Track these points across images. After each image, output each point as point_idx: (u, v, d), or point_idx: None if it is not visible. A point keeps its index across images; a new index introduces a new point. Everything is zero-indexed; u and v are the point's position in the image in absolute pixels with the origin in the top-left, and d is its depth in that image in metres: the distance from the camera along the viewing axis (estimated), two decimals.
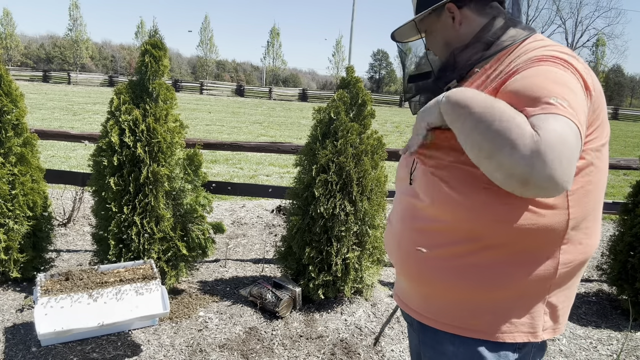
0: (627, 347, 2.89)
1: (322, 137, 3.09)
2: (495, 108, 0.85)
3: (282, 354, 2.62)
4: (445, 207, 1.03)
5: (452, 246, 1.03)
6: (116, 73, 54.13)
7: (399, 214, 1.18)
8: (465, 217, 1.00)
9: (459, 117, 0.90)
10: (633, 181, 3.43)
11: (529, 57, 0.96)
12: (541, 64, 0.92)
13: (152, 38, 3.01)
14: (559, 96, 0.83)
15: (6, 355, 2.44)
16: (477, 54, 1.09)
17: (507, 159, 0.79)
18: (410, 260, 1.12)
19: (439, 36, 1.18)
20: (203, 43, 56.69)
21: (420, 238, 1.09)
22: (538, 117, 0.81)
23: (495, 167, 0.82)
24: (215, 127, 14.42)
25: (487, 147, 0.82)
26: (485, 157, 0.84)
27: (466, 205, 0.99)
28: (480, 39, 1.10)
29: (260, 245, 4.33)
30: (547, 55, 0.94)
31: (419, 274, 1.11)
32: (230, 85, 40.59)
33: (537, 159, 0.76)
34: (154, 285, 2.64)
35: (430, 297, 1.11)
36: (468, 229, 1.00)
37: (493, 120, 0.83)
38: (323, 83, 70.29)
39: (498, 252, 0.99)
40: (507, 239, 0.97)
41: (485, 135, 0.83)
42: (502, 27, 1.09)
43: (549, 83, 0.87)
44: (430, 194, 1.06)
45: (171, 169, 3.01)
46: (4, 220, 2.96)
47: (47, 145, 8.31)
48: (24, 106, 3.12)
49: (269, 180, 7.47)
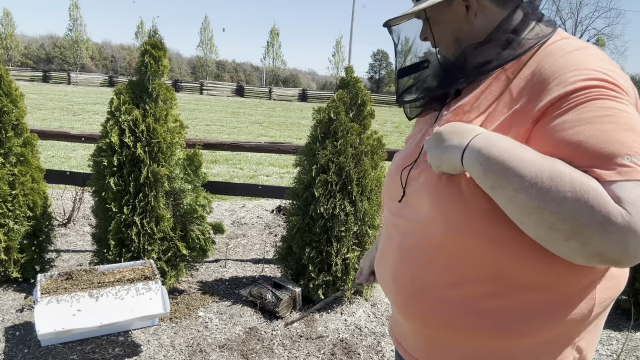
0: (627, 347, 2.90)
1: (322, 138, 3.09)
2: (557, 172, 0.69)
3: (282, 354, 2.62)
4: (465, 238, 0.83)
5: (471, 285, 0.85)
6: (116, 73, 54.16)
7: (397, 243, 0.98)
8: (489, 251, 0.81)
9: (501, 185, 0.73)
10: None
11: (568, 78, 0.77)
12: (595, 100, 0.74)
13: (152, 38, 3.01)
14: (632, 151, 0.69)
15: (6, 355, 2.44)
16: (494, 55, 0.89)
17: (593, 243, 0.66)
18: (414, 302, 0.93)
19: (448, 29, 0.95)
20: (203, 43, 56.69)
21: (428, 275, 0.90)
22: (618, 186, 0.67)
23: (570, 249, 0.69)
24: (215, 127, 14.42)
25: (562, 228, 0.67)
26: (559, 238, 0.69)
27: (491, 236, 0.80)
28: (498, 35, 0.90)
29: (260, 245, 4.33)
30: (593, 79, 0.76)
31: (425, 317, 0.92)
32: (230, 86, 40.58)
33: (633, 241, 0.64)
34: (154, 285, 2.64)
35: (439, 342, 0.92)
36: (492, 265, 0.82)
37: (562, 192, 0.67)
38: (323, 83, 70.33)
39: (527, 294, 0.82)
40: (540, 278, 0.81)
41: (557, 215, 0.67)
42: (522, 20, 0.90)
43: (615, 132, 0.71)
44: (443, 219, 0.85)
45: (171, 169, 3.01)
46: (4, 221, 2.96)
47: (47, 146, 8.32)
48: (24, 106, 3.12)
49: (269, 181, 7.47)
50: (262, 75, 59.67)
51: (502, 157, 0.73)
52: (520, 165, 0.71)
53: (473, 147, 0.77)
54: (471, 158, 0.77)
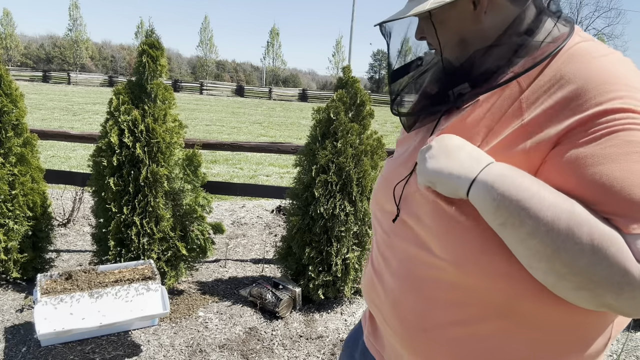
0: (627, 347, 2.89)
1: (322, 138, 3.09)
2: (576, 221, 0.62)
3: (282, 354, 2.62)
4: (476, 272, 0.74)
5: (482, 323, 0.77)
6: (116, 73, 54.19)
7: (395, 268, 0.87)
8: (502, 286, 0.73)
9: (513, 225, 0.65)
10: None
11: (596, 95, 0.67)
12: (625, 131, 0.64)
13: (149, 38, 3.01)
14: None
15: (6, 355, 2.44)
16: (506, 61, 0.77)
17: (605, 298, 0.62)
18: (420, 339, 0.84)
19: (452, 29, 0.82)
20: (203, 43, 56.72)
21: (435, 311, 0.80)
22: None
23: (580, 299, 0.65)
24: (215, 127, 14.42)
25: (574, 280, 0.63)
26: (569, 288, 0.64)
27: (503, 271, 0.72)
28: (510, 35, 0.77)
29: (260, 245, 4.33)
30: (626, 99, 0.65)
31: (427, 355, 0.84)
32: (230, 86, 40.59)
33: (636, 303, 0.60)
34: (153, 285, 2.64)
35: None
36: (505, 301, 0.74)
37: (578, 244, 0.61)
38: (323, 83, 70.34)
39: (543, 331, 0.74)
40: (555, 315, 0.73)
41: (569, 267, 0.62)
42: (537, 18, 0.77)
43: None
44: (452, 251, 0.76)
45: (170, 169, 3.01)
46: (4, 221, 2.96)
47: (47, 146, 8.32)
48: (23, 106, 3.12)
49: (269, 181, 7.47)
50: (262, 75, 59.67)
51: (519, 195, 0.65)
52: (538, 207, 0.63)
53: (485, 180, 0.68)
54: (483, 191, 0.68)
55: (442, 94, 0.84)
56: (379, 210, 0.95)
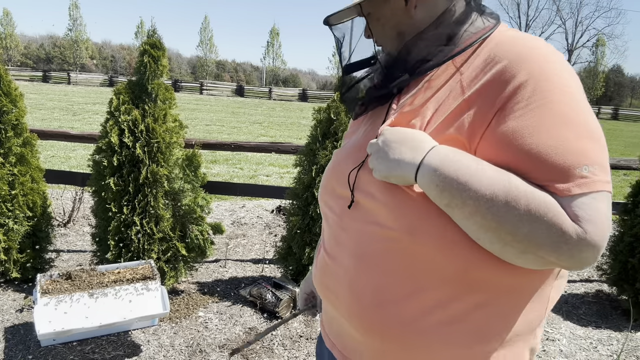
0: (627, 347, 2.89)
1: (322, 138, 3.09)
2: (513, 194, 0.68)
3: (282, 354, 2.62)
4: (429, 242, 0.78)
5: (436, 291, 0.80)
6: (116, 73, 54.18)
7: (351, 249, 0.88)
8: (454, 254, 0.77)
9: (457, 205, 0.72)
10: (633, 181, 3.42)
11: (525, 67, 0.74)
12: (554, 101, 0.71)
13: (151, 38, 3.01)
14: (589, 160, 0.68)
15: (6, 355, 2.44)
16: (436, 49, 0.84)
17: (547, 257, 0.69)
18: (370, 313, 0.85)
19: (389, 24, 0.90)
20: (203, 43, 56.71)
21: (392, 284, 0.82)
22: (576, 202, 0.67)
23: (525, 261, 0.72)
24: (215, 127, 14.42)
25: (518, 246, 0.69)
26: (514, 253, 0.71)
27: (455, 239, 0.76)
28: (439, 25, 0.85)
29: (260, 246, 4.32)
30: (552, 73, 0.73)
31: (383, 331, 0.84)
32: (230, 85, 40.59)
33: (586, 254, 0.67)
34: (153, 285, 2.64)
35: (401, 357, 0.86)
36: (457, 268, 0.78)
37: (517, 215, 0.67)
38: (323, 83, 70.30)
39: (491, 297, 0.80)
40: (502, 280, 0.78)
41: (512, 236, 0.69)
42: (465, 12, 0.86)
43: (572, 141, 0.69)
44: (406, 223, 0.79)
45: (170, 169, 3.01)
46: (4, 221, 2.96)
47: (47, 146, 8.31)
48: (23, 106, 3.12)
49: (269, 181, 7.47)
50: (262, 75, 59.67)
51: (459, 178, 0.71)
52: (477, 187, 0.70)
53: (429, 166, 0.74)
54: (427, 178, 0.74)
55: (386, 83, 0.90)
56: (330, 197, 0.97)
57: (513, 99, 0.73)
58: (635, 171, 4.60)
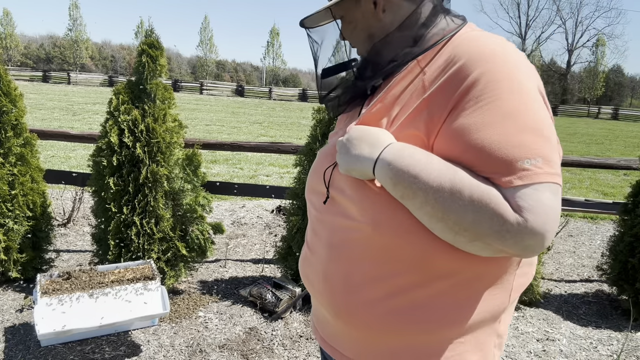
0: (628, 347, 2.89)
1: (322, 137, 3.09)
2: (457, 186, 0.73)
3: (282, 354, 2.62)
4: (390, 232, 0.84)
5: (399, 278, 0.85)
6: (116, 73, 54.21)
7: (326, 240, 0.95)
8: (414, 242, 0.82)
9: (408, 196, 0.78)
10: (633, 181, 3.42)
11: (478, 66, 0.78)
12: (497, 101, 0.75)
13: (148, 38, 3.00)
14: (531, 153, 0.72)
15: (6, 355, 2.44)
16: (402, 49, 0.89)
17: (494, 245, 0.73)
18: (339, 298, 0.91)
19: (360, 27, 0.96)
20: (203, 43, 56.70)
21: (359, 272, 0.88)
22: (518, 193, 0.71)
23: (476, 249, 0.76)
24: (215, 127, 14.42)
25: (466, 234, 0.74)
26: (464, 241, 0.76)
27: (414, 228, 0.81)
28: (405, 28, 0.90)
29: (260, 245, 4.32)
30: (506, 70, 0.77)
31: (351, 316, 0.90)
32: (230, 85, 40.59)
33: (529, 241, 0.71)
34: (153, 285, 2.64)
35: (367, 342, 0.91)
36: (417, 256, 0.83)
37: (462, 205, 0.72)
38: None
39: (452, 283, 0.83)
40: (462, 267, 0.82)
41: (459, 225, 0.74)
42: (431, 14, 0.90)
43: (516, 135, 0.73)
44: (370, 215, 0.86)
45: (170, 169, 3.01)
46: (4, 221, 2.96)
47: (47, 146, 8.31)
48: (23, 106, 3.11)
49: (269, 181, 7.47)
50: (262, 75, 59.67)
51: (409, 171, 0.77)
52: (425, 180, 0.75)
53: (384, 161, 0.81)
54: (382, 171, 0.81)
55: (359, 84, 0.96)
56: (312, 194, 1.04)
57: (465, 97, 0.77)
58: (635, 171, 4.61)
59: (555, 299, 3.52)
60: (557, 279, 3.93)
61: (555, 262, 4.32)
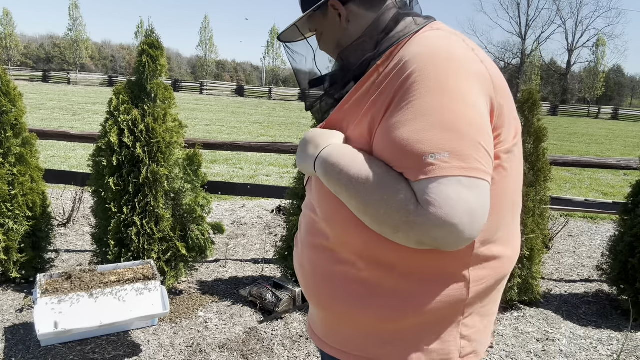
0: (628, 347, 2.89)
1: None
2: (372, 182, 0.79)
3: (282, 354, 2.62)
4: (336, 224, 0.93)
5: (350, 267, 0.92)
6: (116, 73, 54.21)
7: (302, 232, 1.07)
8: (360, 236, 0.88)
9: (338, 192, 0.86)
10: (633, 181, 3.42)
11: (409, 67, 0.82)
12: (417, 100, 0.79)
13: (149, 38, 3.00)
14: (436, 149, 0.75)
15: (6, 355, 2.44)
16: (367, 52, 0.95)
17: (411, 236, 0.77)
18: (310, 282, 1.01)
19: (329, 37, 1.04)
20: (203, 43, 56.70)
21: (317, 257, 0.98)
22: (424, 187, 0.75)
23: (402, 240, 0.80)
24: (215, 127, 14.42)
25: (387, 226, 0.79)
26: (389, 233, 0.81)
27: (355, 222, 0.88)
28: (367, 35, 0.96)
29: (260, 246, 4.32)
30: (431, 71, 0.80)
31: (319, 298, 0.99)
32: (230, 85, 40.61)
33: (437, 233, 0.74)
34: (153, 285, 2.63)
35: (332, 323, 0.99)
36: (366, 249, 0.89)
37: (376, 199, 0.78)
38: None
39: (398, 275, 0.88)
40: (403, 257, 0.86)
41: (376, 217, 0.80)
42: (393, 19, 0.95)
43: (423, 132, 0.77)
44: (323, 208, 0.96)
45: (170, 169, 3.00)
46: (4, 221, 2.96)
47: (47, 145, 8.31)
48: (22, 106, 3.11)
49: (269, 181, 7.47)
50: (262, 75, 59.69)
51: (335, 168, 0.85)
52: (347, 177, 0.82)
53: (321, 158, 0.89)
54: (319, 169, 0.90)
55: (331, 92, 1.05)
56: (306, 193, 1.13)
57: (397, 97, 0.82)
58: (635, 171, 4.61)
59: (555, 299, 3.52)
60: (557, 279, 3.93)
61: (555, 262, 4.32)
